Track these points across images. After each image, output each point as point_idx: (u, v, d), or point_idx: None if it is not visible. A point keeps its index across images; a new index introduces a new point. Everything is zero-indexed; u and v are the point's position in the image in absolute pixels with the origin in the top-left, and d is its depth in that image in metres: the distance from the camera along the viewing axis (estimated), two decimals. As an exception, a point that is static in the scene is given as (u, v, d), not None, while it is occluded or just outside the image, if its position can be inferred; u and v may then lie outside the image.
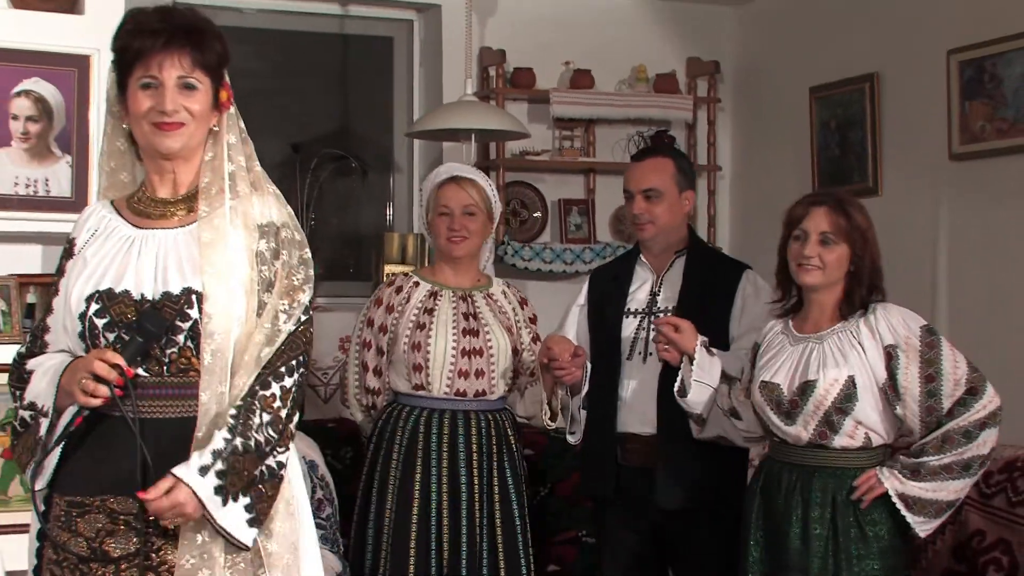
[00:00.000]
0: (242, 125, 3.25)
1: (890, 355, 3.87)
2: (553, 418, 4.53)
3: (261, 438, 3.02)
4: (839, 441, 3.91)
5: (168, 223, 3.16)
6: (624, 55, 6.89)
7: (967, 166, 5.82)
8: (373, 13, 6.78)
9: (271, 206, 3.22)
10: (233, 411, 3.00)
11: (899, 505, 3.83)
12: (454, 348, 4.57)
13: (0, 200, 4.63)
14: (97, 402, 2.94)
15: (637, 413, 4.50)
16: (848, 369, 3.89)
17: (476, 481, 4.53)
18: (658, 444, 4.45)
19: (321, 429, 5.52)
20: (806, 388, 3.92)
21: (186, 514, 2.94)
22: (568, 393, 4.51)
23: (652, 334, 4.44)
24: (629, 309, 4.60)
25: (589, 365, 4.47)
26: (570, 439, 4.64)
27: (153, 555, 3.05)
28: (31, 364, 3.14)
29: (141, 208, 3.19)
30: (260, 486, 3.03)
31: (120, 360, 2.94)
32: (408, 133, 6.55)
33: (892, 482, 3.83)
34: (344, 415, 5.11)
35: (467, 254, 4.69)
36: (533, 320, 4.77)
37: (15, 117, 4.68)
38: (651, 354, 4.46)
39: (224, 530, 2.97)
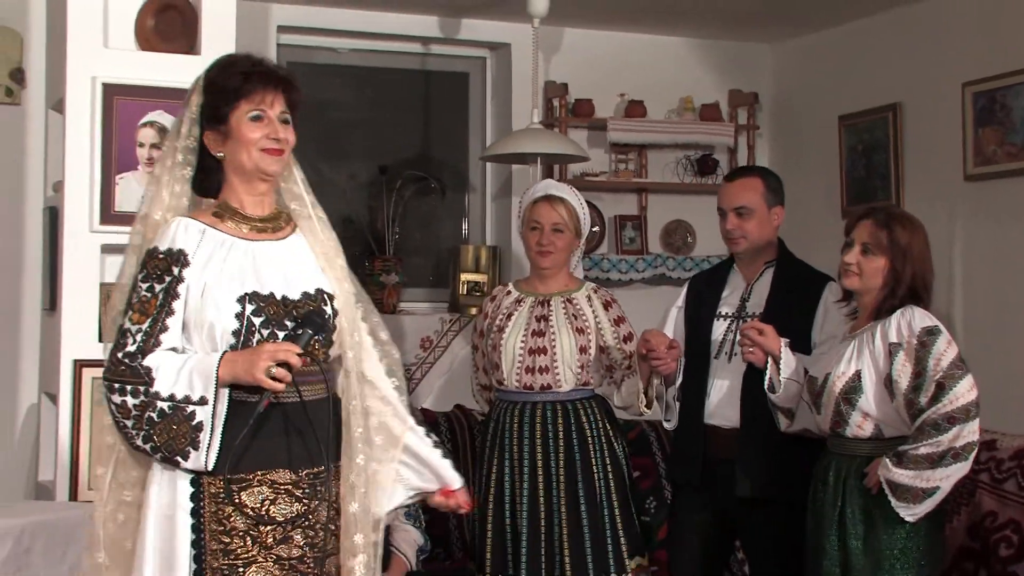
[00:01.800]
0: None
1: (891, 353, 3.80)
2: (648, 405, 4.47)
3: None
4: (850, 431, 3.88)
5: (271, 236, 3.24)
6: (673, 87, 6.89)
7: (980, 186, 5.82)
8: (451, 52, 6.81)
9: None
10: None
11: (886, 490, 3.73)
12: (522, 347, 4.59)
13: (128, 217, 4.65)
14: (282, 387, 3.00)
15: (722, 408, 4.40)
16: (857, 364, 3.86)
17: (541, 462, 4.53)
18: (739, 438, 4.35)
19: None
20: (825, 380, 3.92)
21: None
22: (663, 383, 4.46)
23: (738, 337, 4.32)
24: (720, 312, 4.50)
25: (683, 359, 4.42)
26: (666, 425, 4.56)
27: (311, 515, 3.14)
28: (149, 361, 3.09)
29: (238, 223, 3.23)
30: None
31: (299, 350, 3.03)
32: (482, 157, 6.57)
33: (883, 469, 3.74)
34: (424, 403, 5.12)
35: (553, 266, 4.67)
36: (619, 321, 4.68)
37: (141, 145, 4.77)
38: (736, 354, 4.36)
39: None
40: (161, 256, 3.15)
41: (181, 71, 4.75)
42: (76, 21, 4.74)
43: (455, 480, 3.34)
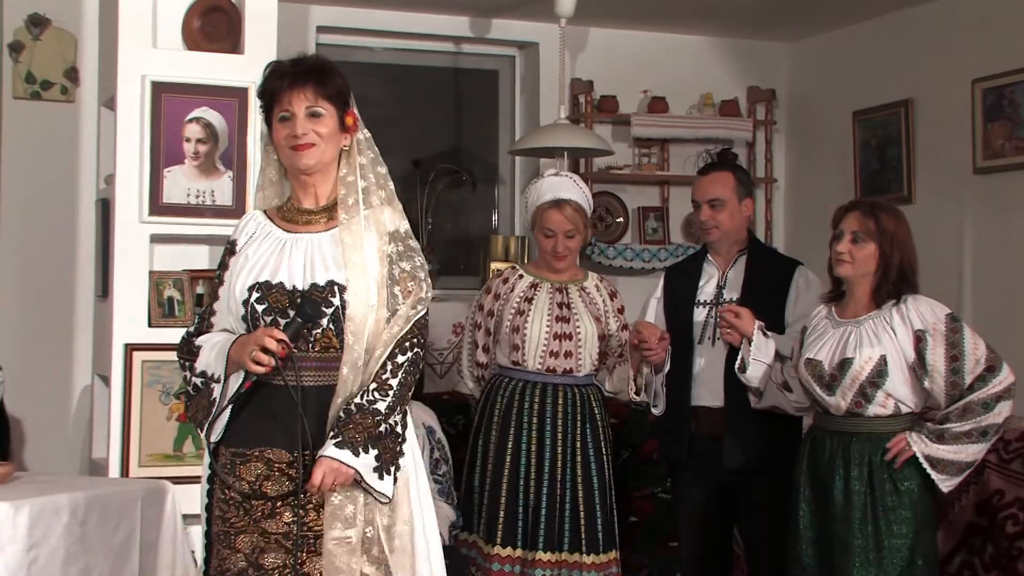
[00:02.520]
0: (375, 148, 3.34)
1: (919, 338, 3.87)
2: (638, 392, 4.52)
3: (378, 403, 3.15)
4: (872, 410, 3.92)
5: (313, 228, 3.26)
6: (693, 84, 6.88)
7: (989, 179, 5.80)
8: (482, 51, 6.82)
9: (398, 218, 3.31)
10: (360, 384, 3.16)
11: (925, 465, 3.83)
12: (547, 332, 4.59)
13: (175, 208, 4.73)
14: (263, 369, 3.06)
15: (707, 389, 4.49)
16: (881, 349, 3.90)
17: (560, 443, 4.53)
18: (725, 415, 4.45)
19: (437, 400, 5.54)
20: (844, 364, 3.94)
21: (341, 480, 3.08)
22: (652, 371, 4.50)
23: (718, 320, 4.43)
24: (699, 300, 4.59)
25: (671, 348, 4.46)
26: (654, 411, 4.62)
27: (303, 495, 3.15)
28: (199, 341, 3.27)
29: (290, 216, 3.30)
30: (383, 442, 3.15)
31: (284, 336, 3.07)
32: (511, 151, 6.59)
33: (920, 445, 3.84)
34: (459, 387, 5.14)
35: (569, 266, 4.71)
36: (621, 311, 4.74)
37: (188, 140, 4.78)
38: (718, 338, 4.45)
39: (365, 482, 3.11)
40: (226, 247, 3.33)
41: (225, 69, 4.81)
42: (127, 22, 4.75)
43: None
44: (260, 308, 3.17)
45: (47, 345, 5.65)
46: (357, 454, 3.09)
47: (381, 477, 3.14)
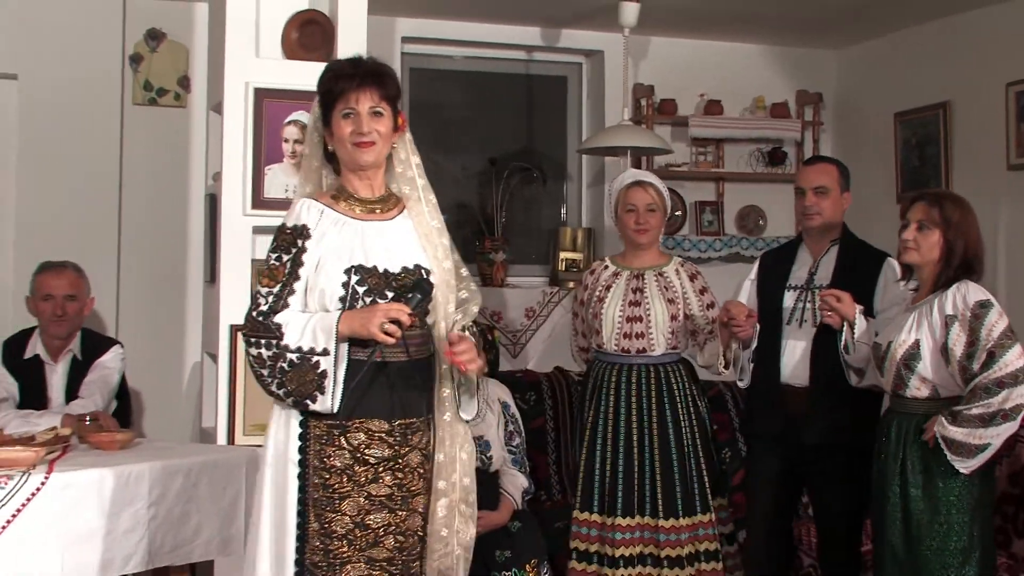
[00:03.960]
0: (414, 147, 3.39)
1: (947, 324, 3.76)
2: (727, 366, 4.45)
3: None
4: (910, 392, 3.84)
5: (380, 216, 3.28)
6: (747, 88, 6.85)
7: (1021, 175, 5.74)
8: (551, 58, 6.80)
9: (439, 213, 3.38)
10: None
11: (942, 445, 3.69)
12: (620, 315, 4.59)
13: (275, 202, 4.73)
14: (392, 340, 3.06)
15: (794, 368, 4.39)
16: (916, 334, 3.81)
17: (635, 418, 4.53)
18: (809, 393, 4.35)
19: (511, 378, 5.56)
20: (888, 348, 3.88)
21: (475, 364, 3.21)
22: (740, 347, 4.44)
23: (817, 304, 4.30)
24: (790, 284, 4.49)
25: (758, 326, 4.37)
26: (740, 384, 4.53)
27: (400, 459, 3.20)
28: (279, 319, 3.17)
29: (353, 205, 3.28)
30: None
31: (408, 310, 3.09)
32: (578, 150, 6.58)
33: (939, 427, 3.70)
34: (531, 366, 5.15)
35: (649, 241, 4.67)
36: (703, 291, 4.66)
37: (286, 140, 4.80)
38: (806, 321, 4.37)
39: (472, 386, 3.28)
40: (288, 231, 3.25)
41: (318, 76, 4.81)
42: (232, 35, 4.79)
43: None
44: (361, 289, 3.17)
45: (162, 326, 5.75)
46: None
47: (472, 396, 3.31)
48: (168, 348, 5.76)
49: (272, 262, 3.23)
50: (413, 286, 3.16)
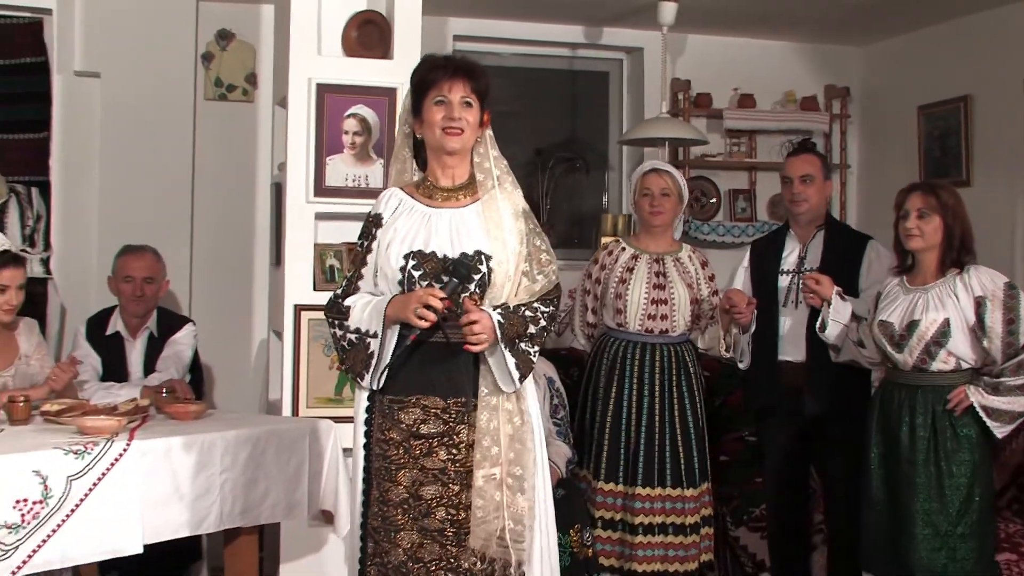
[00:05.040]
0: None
1: (979, 303, 3.84)
2: (728, 350, 4.52)
3: (529, 326, 3.18)
4: (935, 366, 3.90)
5: (453, 204, 3.27)
6: (777, 83, 6.79)
7: (1039, 165, 5.68)
8: (594, 55, 6.78)
9: (524, 202, 3.34)
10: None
11: (982, 414, 3.81)
12: (646, 297, 4.60)
13: (336, 190, 4.76)
14: (426, 324, 3.06)
15: (791, 345, 4.48)
16: (945, 313, 3.87)
17: (658, 394, 4.56)
18: (806, 368, 4.44)
19: (556, 355, 5.49)
20: (911, 326, 3.91)
21: (485, 337, 3.10)
22: (740, 332, 4.50)
23: (801, 286, 4.40)
24: (783, 269, 4.57)
25: (756, 311, 4.45)
26: (740, 366, 4.62)
27: (454, 436, 3.20)
28: (347, 302, 3.24)
29: (430, 193, 3.28)
30: (523, 351, 3.17)
31: (443, 295, 3.08)
32: (619, 141, 6.56)
33: (977, 396, 3.82)
34: (573, 344, 5.17)
35: (663, 224, 4.69)
36: (711, 278, 4.73)
37: (346, 132, 4.79)
38: (800, 302, 4.44)
39: (505, 354, 3.14)
40: (370, 219, 3.30)
41: (378, 72, 4.82)
42: (296, 35, 4.79)
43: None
44: (417, 274, 3.16)
45: (231, 305, 5.80)
46: (507, 343, 3.14)
47: (518, 369, 3.17)
48: (237, 326, 5.81)
49: (356, 248, 3.32)
50: (452, 271, 3.14)
